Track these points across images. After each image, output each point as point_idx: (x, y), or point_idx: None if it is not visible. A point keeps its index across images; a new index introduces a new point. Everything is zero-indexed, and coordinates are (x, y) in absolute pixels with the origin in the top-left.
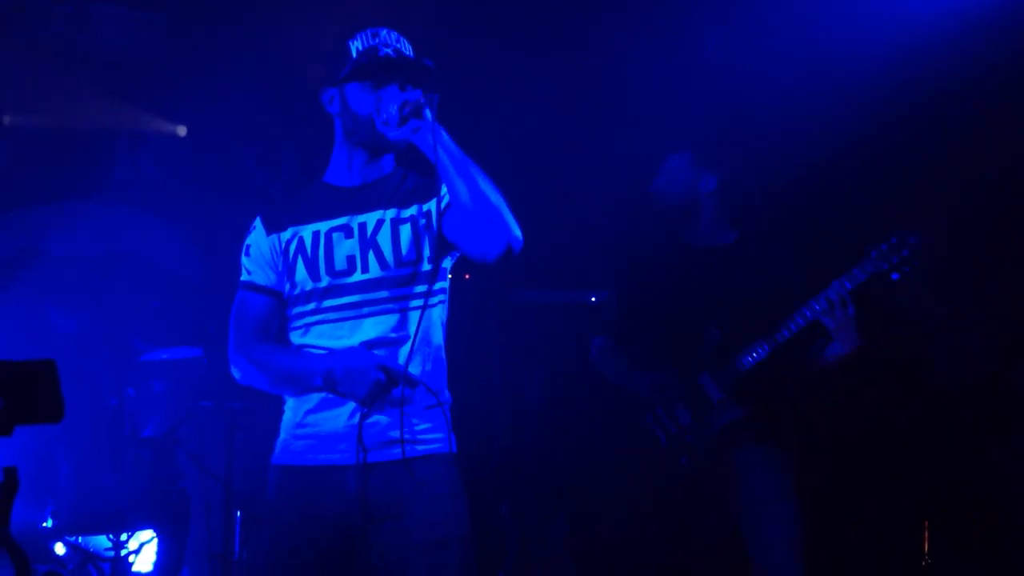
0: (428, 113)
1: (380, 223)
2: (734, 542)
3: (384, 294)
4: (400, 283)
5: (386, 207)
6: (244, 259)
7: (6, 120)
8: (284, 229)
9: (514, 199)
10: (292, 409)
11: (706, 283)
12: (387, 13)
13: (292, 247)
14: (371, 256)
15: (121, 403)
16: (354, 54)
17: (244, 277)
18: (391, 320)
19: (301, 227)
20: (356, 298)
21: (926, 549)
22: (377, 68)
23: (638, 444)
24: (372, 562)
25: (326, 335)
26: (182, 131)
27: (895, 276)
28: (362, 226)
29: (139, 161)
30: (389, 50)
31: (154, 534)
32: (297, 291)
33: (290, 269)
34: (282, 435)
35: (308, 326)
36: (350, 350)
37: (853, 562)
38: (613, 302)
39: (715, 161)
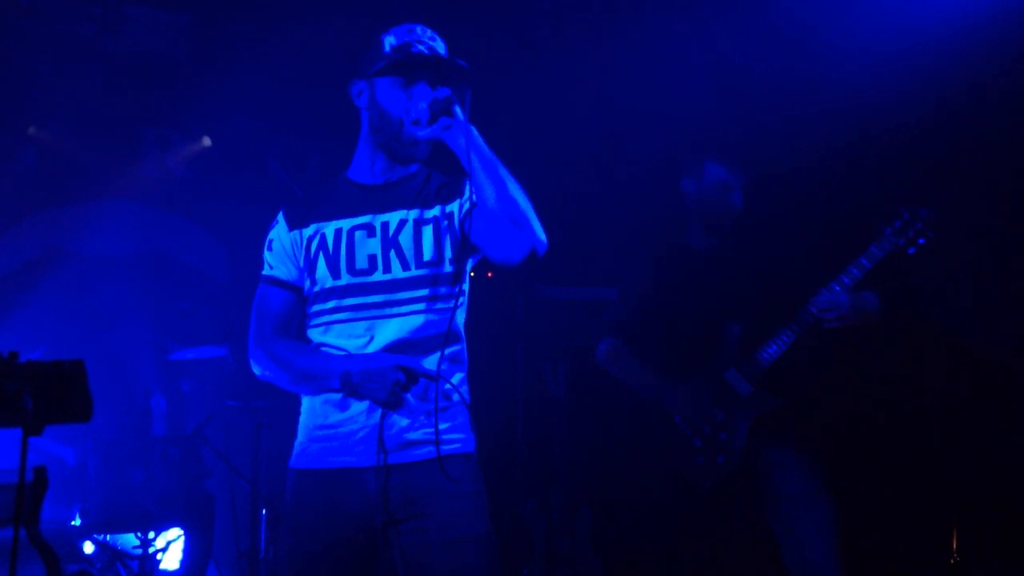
0: (459, 111)
1: (403, 223)
2: (763, 538)
3: (405, 295)
4: (421, 284)
5: (409, 207)
6: (266, 253)
7: (31, 131)
8: (306, 225)
9: (538, 197)
10: (307, 411)
11: (719, 282)
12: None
13: (314, 244)
14: (393, 256)
15: (149, 401)
16: (387, 48)
17: (266, 271)
18: (412, 322)
19: (324, 224)
20: (377, 298)
21: (955, 547)
22: (410, 65)
23: (663, 439)
24: (394, 562)
25: (345, 334)
26: (207, 142)
27: (911, 251)
28: (384, 225)
29: (165, 161)
30: (423, 47)
31: (181, 532)
32: (317, 288)
33: (311, 265)
34: (299, 437)
35: (328, 324)
36: (373, 355)
37: (881, 558)
38: (623, 303)
39: (742, 167)
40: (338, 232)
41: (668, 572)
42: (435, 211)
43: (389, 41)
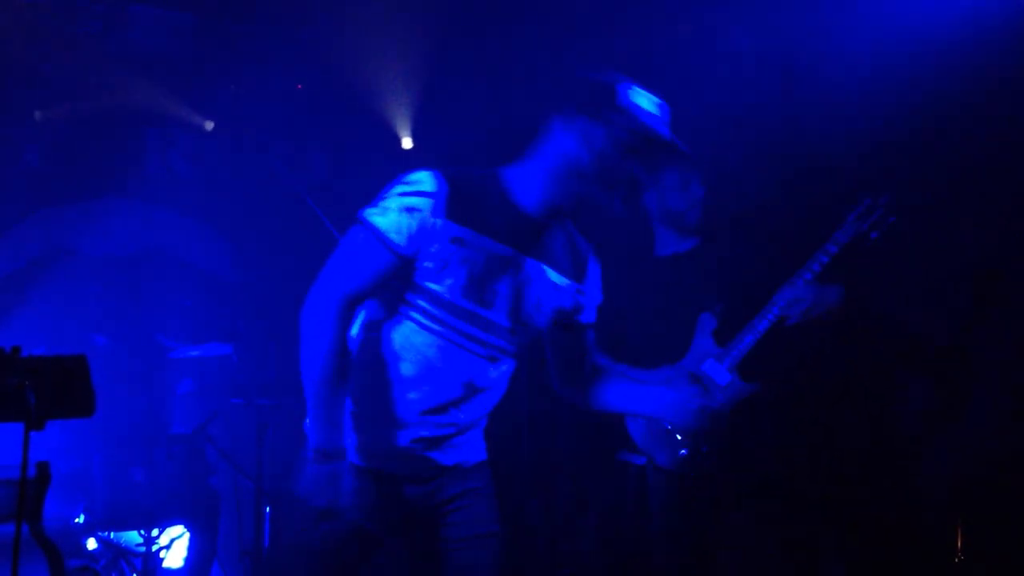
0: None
1: (540, 275)
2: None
3: (501, 343)
4: (511, 335)
5: (548, 261)
6: (399, 213)
7: (37, 116)
8: (463, 224)
9: None
10: (361, 414)
11: (690, 282)
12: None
13: (458, 253)
14: (512, 301)
15: (153, 399)
16: (634, 112)
17: (391, 238)
18: (486, 368)
19: (478, 235)
20: (476, 333)
21: (959, 545)
22: (655, 148)
23: (645, 434)
24: (415, 554)
25: (420, 346)
26: (209, 125)
27: (874, 235)
28: (524, 264)
29: (170, 159)
30: (665, 130)
31: (185, 530)
32: (431, 286)
33: (444, 263)
34: (357, 436)
35: (417, 324)
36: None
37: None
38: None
39: (703, 174)
40: (483, 252)
41: (664, 567)
42: (565, 282)
43: (636, 101)
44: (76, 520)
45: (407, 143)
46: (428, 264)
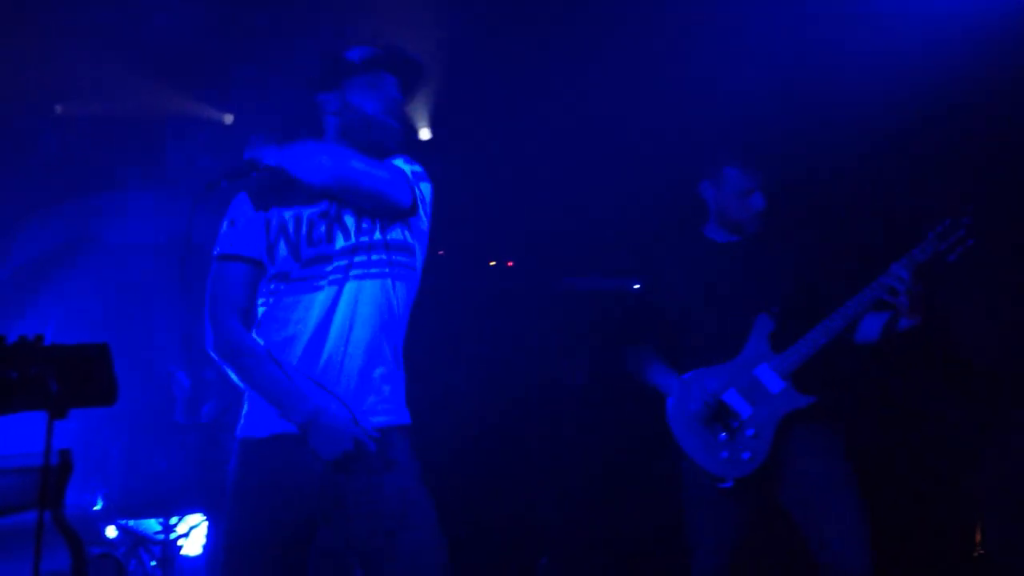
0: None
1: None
2: (783, 534)
3: (342, 264)
4: (359, 251)
5: None
6: (226, 230)
7: (58, 109)
8: (268, 208)
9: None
10: None
11: (744, 275)
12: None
13: (274, 226)
14: (336, 230)
15: (172, 389)
16: (350, 59)
17: (225, 248)
18: (344, 289)
19: (285, 209)
20: (320, 269)
21: (978, 540)
22: (374, 66)
23: (687, 434)
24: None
25: (290, 306)
26: (228, 119)
27: (951, 257)
28: (333, 205)
29: (189, 149)
30: (380, 51)
31: (203, 518)
32: (275, 269)
33: (271, 246)
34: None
35: (278, 296)
36: (336, 407)
37: (905, 551)
38: (644, 307)
39: (761, 168)
40: (298, 218)
41: (685, 567)
42: None
43: (352, 55)
44: (95, 507)
45: (425, 133)
46: (264, 250)
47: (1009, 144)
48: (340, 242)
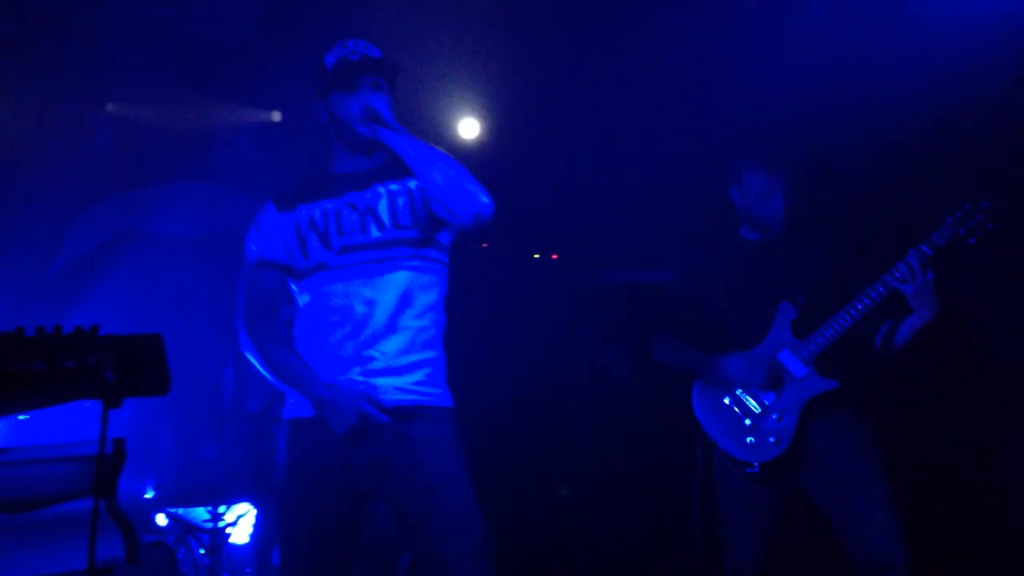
0: (384, 115)
1: (378, 195)
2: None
3: (377, 254)
4: (395, 245)
5: (384, 181)
6: (254, 239)
7: (110, 107)
8: (295, 208)
9: (603, 180)
10: None
11: (772, 267)
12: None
13: (304, 223)
14: (370, 222)
15: (220, 379)
16: (328, 67)
17: (256, 256)
18: (378, 278)
19: (312, 205)
20: (354, 258)
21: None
22: (347, 72)
23: (713, 420)
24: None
25: (328, 294)
26: (276, 116)
27: (971, 241)
28: (363, 198)
29: (237, 144)
30: (356, 56)
31: (251, 507)
32: (310, 262)
33: (302, 242)
34: None
35: (315, 286)
36: (346, 384)
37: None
38: (675, 298)
39: (780, 167)
40: (325, 211)
41: (718, 552)
42: (410, 182)
43: (329, 60)
44: (146, 496)
45: (469, 131)
46: (295, 250)
47: None
48: (374, 232)
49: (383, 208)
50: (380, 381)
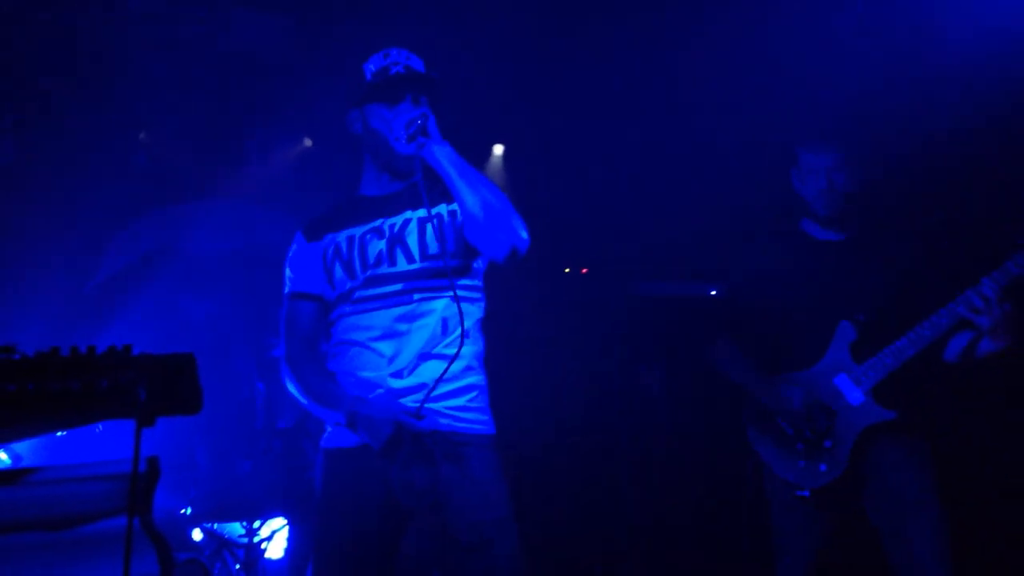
0: (432, 127)
1: (407, 222)
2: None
3: (406, 285)
4: (425, 276)
5: (415, 208)
6: (289, 271)
7: (142, 137)
8: (322, 237)
9: (637, 192)
10: None
11: (834, 276)
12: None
13: (330, 252)
14: (398, 252)
15: (253, 395)
16: (368, 76)
17: (290, 288)
18: (409, 309)
19: (337, 234)
20: (383, 290)
21: None
22: (389, 86)
23: (763, 441)
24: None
25: (355, 326)
26: (308, 143)
27: None
28: (391, 226)
29: (269, 160)
30: (399, 67)
31: (285, 522)
32: (336, 292)
33: (329, 272)
34: None
35: (343, 318)
36: (377, 399)
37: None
38: (732, 298)
39: (833, 145)
40: (351, 238)
41: (760, 570)
42: (440, 208)
43: (369, 68)
44: (183, 512)
45: (498, 149)
46: (324, 279)
47: None
48: (402, 264)
49: (412, 237)
50: (421, 405)
